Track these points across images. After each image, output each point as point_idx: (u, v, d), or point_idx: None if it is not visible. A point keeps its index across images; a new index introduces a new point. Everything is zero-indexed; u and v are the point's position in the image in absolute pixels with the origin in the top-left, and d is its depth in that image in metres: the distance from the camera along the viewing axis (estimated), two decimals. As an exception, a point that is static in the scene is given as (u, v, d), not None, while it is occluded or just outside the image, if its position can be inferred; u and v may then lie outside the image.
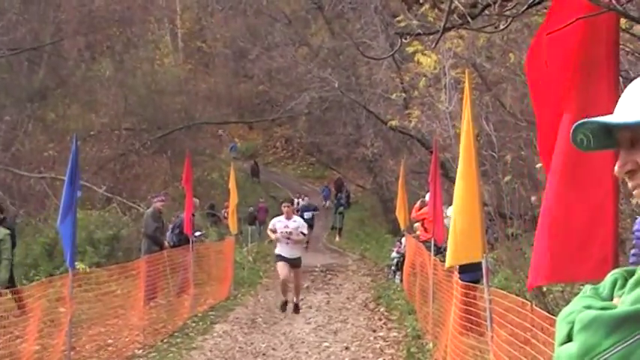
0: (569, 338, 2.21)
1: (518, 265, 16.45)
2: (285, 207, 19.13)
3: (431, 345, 14.40)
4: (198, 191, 25.52)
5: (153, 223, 20.81)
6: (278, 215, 19.77)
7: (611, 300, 2.27)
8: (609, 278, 2.38)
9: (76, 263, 14.31)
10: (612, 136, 2.37)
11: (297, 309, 18.89)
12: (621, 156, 2.36)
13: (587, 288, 2.38)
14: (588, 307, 2.21)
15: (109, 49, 43.58)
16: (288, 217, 18.71)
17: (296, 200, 41.99)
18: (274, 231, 18.66)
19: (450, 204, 14.96)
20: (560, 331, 2.26)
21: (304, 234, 19.16)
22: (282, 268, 18.56)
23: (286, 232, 18.36)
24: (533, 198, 16.45)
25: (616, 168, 2.40)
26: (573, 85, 4.73)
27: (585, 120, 2.38)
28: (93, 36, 41.46)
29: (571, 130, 2.37)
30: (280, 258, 18.66)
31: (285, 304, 18.88)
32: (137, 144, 38.81)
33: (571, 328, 2.22)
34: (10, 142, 32.28)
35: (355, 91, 35.19)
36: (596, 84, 4.65)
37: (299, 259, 19.07)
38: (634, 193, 2.41)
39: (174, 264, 20.10)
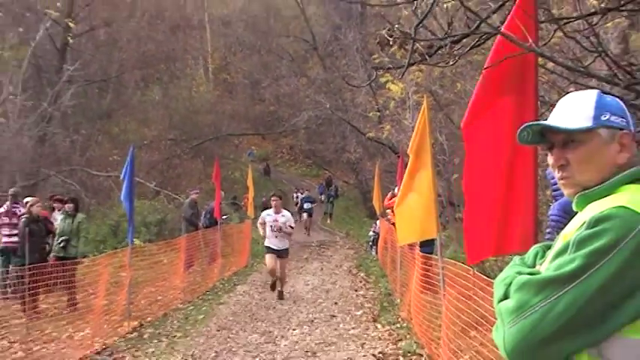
0: (505, 297, 2.22)
1: (463, 241, 16.48)
2: (274, 201, 16.43)
3: (398, 300, 14.40)
4: (224, 186, 25.44)
5: (190, 210, 21.13)
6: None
7: (534, 267, 2.33)
8: (532, 251, 2.40)
9: (134, 240, 14.33)
10: (544, 137, 2.48)
11: (281, 296, 16.11)
12: (555, 153, 2.43)
13: (516, 258, 2.41)
14: (520, 273, 2.24)
15: (158, 80, 43.64)
16: (277, 212, 16.20)
17: (295, 194, 41.85)
18: (263, 224, 16.26)
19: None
20: (498, 291, 2.29)
21: (292, 227, 16.45)
22: (269, 259, 16.04)
23: (276, 225, 15.99)
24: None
25: (551, 162, 2.46)
26: (506, 103, 4.75)
27: (532, 122, 2.48)
28: (146, 70, 41.58)
29: (519, 129, 2.47)
30: (269, 250, 16.12)
31: (274, 283, 16.32)
32: (178, 151, 38.88)
33: (507, 289, 2.23)
34: (85, 150, 32.28)
35: (342, 111, 35.28)
36: (523, 103, 4.67)
37: (286, 250, 16.45)
38: (561, 182, 2.47)
39: (206, 240, 20.19)
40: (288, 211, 16.65)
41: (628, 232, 2.04)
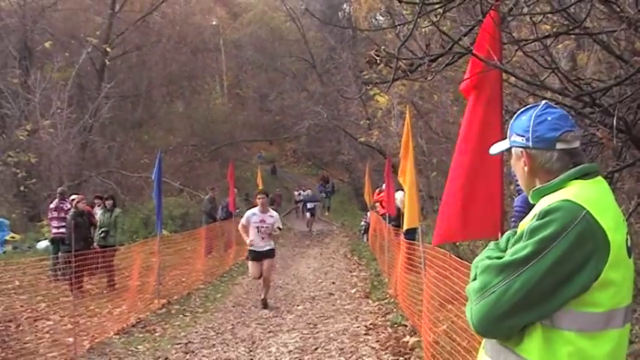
0: (475, 278, 2.25)
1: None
2: (260, 199, 12.64)
3: (387, 280, 14.41)
4: (237, 185, 25.47)
5: (209, 205, 21.28)
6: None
7: (506, 251, 2.33)
8: (505, 236, 2.45)
9: (162, 230, 14.35)
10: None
11: (265, 304, 12.19)
12: (513, 157, 2.55)
13: (491, 243, 2.45)
14: (489, 257, 2.28)
15: (181, 95, 43.56)
16: (264, 211, 12.52)
17: (297, 192, 41.69)
18: (247, 226, 12.46)
19: (398, 190, 15.11)
20: (472, 273, 2.34)
21: (280, 229, 12.90)
22: (253, 267, 12.52)
23: (263, 226, 12.34)
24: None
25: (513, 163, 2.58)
26: (477, 111, 4.78)
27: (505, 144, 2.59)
28: (171, 87, 41.48)
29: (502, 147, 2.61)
30: (253, 255, 12.48)
31: (265, 301, 12.39)
32: (198, 155, 38.84)
33: (476, 272, 2.27)
34: (120, 154, 32.25)
35: (337, 119, 35.31)
36: (491, 113, 4.70)
37: (272, 250, 12.61)
38: (519, 181, 2.58)
39: (223, 230, 20.26)
40: (276, 210, 13.76)
41: (571, 222, 2.08)
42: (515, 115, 2.52)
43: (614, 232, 2.14)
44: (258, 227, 12.36)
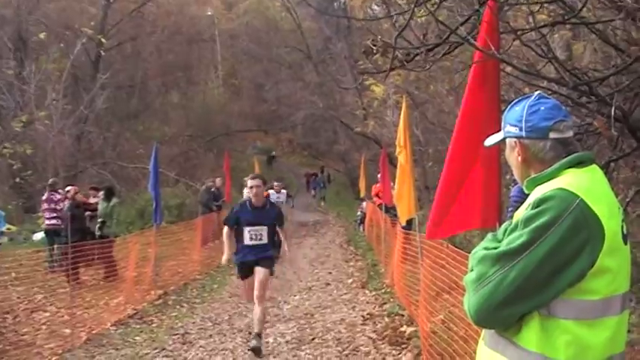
0: (472, 269, 2.27)
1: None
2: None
3: (383, 270, 14.43)
4: (232, 175, 25.45)
5: (205, 196, 21.26)
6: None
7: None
8: (502, 227, 2.46)
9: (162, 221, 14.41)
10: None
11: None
12: (507, 148, 2.55)
13: (489, 235, 2.45)
14: (486, 248, 2.28)
15: (176, 85, 43.58)
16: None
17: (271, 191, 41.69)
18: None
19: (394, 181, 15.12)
20: (469, 264, 2.34)
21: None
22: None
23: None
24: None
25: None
26: (474, 103, 4.77)
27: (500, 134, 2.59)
28: (166, 77, 41.53)
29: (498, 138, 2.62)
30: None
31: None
32: (194, 145, 38.84)
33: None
34: (116, 145, 32.36)
35: (333, 109, 35.46)
36: (488, 103, 4.69)
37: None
38: (513, 171, 2.58)
39: (219, 221, 20.19)
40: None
41: (565, 211, 2.10)
42: (509, 106, 2.54)
43: (608, 220, 2.15)
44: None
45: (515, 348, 2.21)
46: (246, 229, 8.49)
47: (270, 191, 14.45)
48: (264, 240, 8.54)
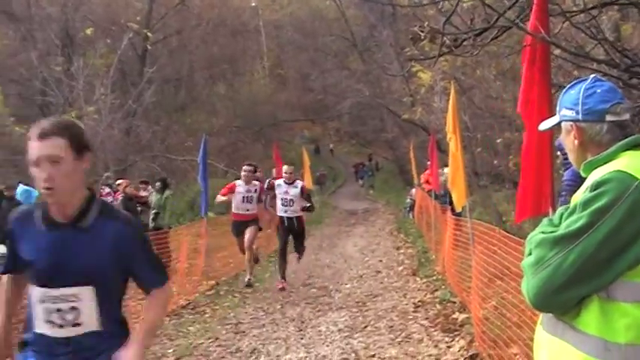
0: (530, 253, 2.26)
1: (487, 204, 16.43)
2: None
3: (434, 257, 14.39)
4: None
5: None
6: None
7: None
8: (558, 212, 2.44)
9: (208, 212, 14.50)
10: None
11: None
12: (563, 132, 2.54)
13: (545, 220, 2.43)
14: (543, 232, 2.27)
15: (223, 77, 43.90)
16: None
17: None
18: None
19: (444, 166, 15.06)
20: (526, 249, 2.34)
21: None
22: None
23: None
24: (495, 162, 16.41)
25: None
26: (529, 87, 4.72)
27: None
28: (212, 70, 41.91)
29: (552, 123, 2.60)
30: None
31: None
32: (242, 136, 39.19)
33: (530, 247, 2.28)
34: (164, 138, 32.73)
35: (379, 97, 35.23)
36: (540, 87, 4.63)
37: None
38: (569, 155, 2.56)
39: (270, 210, 20.28)
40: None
41: (624, 193, 2.08)
42: (564, 89, 2.52)
43: (667, 201, 2.12)
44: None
45: (575, 332, 2.19)
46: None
47: (277, 181, 12.76)
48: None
